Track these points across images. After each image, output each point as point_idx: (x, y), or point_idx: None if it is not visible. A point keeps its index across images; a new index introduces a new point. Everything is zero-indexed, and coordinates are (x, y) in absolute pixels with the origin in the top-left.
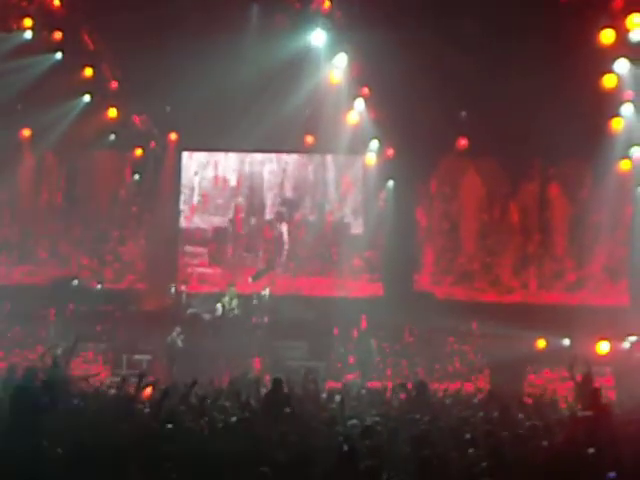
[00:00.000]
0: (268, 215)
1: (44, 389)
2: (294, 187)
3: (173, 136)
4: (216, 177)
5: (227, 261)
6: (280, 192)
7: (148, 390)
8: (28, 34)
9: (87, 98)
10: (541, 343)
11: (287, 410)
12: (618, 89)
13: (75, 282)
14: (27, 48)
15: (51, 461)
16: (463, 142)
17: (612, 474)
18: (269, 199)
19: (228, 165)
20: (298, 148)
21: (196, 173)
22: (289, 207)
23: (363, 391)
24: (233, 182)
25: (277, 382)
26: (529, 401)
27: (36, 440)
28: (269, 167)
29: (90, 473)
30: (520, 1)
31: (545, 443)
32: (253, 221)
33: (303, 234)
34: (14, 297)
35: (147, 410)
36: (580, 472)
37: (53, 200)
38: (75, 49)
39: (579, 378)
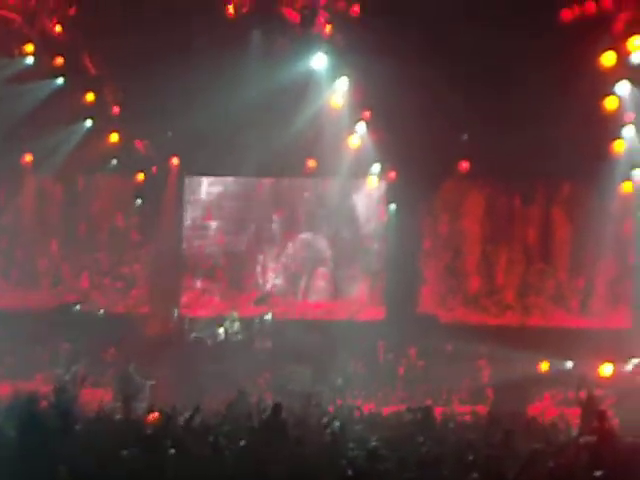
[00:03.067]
0: (271, 238)
1: (48, 415)
2: (294, 210)
3: (175, 161)
4: (217, 201)
5: (229, 285)
6: (282, 215)
7: (154, 415)
8: (30, 59)
9: (89, 123)
10: (544, 366)
11: (287, 435)
12: (619, 111)
13: (77, 307)
14: (29, 73)
15: None
16: (465, 165)
17: None
18: (272, 222)
19: (228, 189)
20: (300, 172)
21: (196, 198)
22: (289, 230)
23: (365, 415)
24: (235, 206)
25: (277, 408)
26: (532, 424)
27: (42, 464)
28: (271, 190)
29: None
30: (520, 24)
31: (551, 465)
32: (255, 244)
33: (304, 257)
34: (16, 322)
35: (151, 435)
36: None
37: (54, 225)
38: (77, 74)
39: (584, 400)
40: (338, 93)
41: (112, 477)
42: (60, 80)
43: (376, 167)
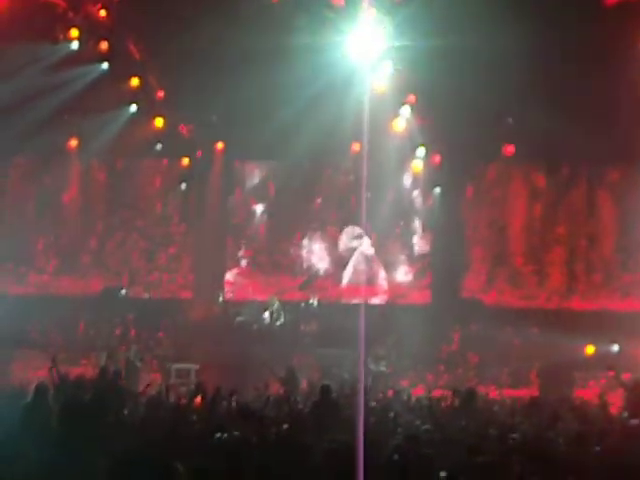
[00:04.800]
0: (315, 223)
1: (94, 400)
2: (338, 194)
3: (220, 145)
4: (261, 185)
5: (274, 270)
6: (326, 199)
7: (197, 399)
8: (75, 44)
9: (133, 108)
10: (590, 349)
11: (338, 417)
12: None
13: (123, 292)
14: (74, 58)
15: (100, 471)
16: (510, 149)
17: None
18: (316, 206)
19: (273, 173)
20: (344, 156)
21: (241, 182)
22: (333, 214)
23: (412, 399)
24: (280, 191)
25: (325, 389)
26: (579, 407)
27: (86, 450)
28: (316, 174)
29: None
30: (563, 8)
31: (597, 449)
32: (300, 229)
33: (349, 241)
34: (62, 307)
35: (195, 419)
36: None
37: (100, 210)
38: (121, 59)
39: (629, 383)
40: (383, 77)
41: (155, 463)
42: (105, 65)
43: (421, 151)
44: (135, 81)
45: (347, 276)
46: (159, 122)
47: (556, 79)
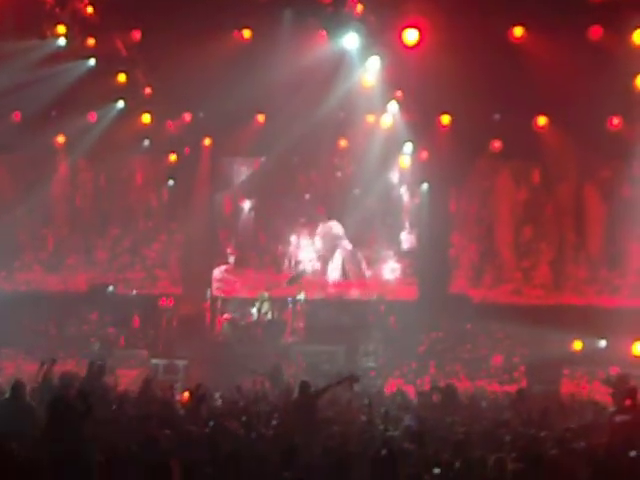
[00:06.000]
0: (303, 219)
1: (80, 397)
2: (326, 190)
3: (207, 141)
4: (249, 181)
5: (261, 266)
6: (314, 195)
7: (185, 395)
8: (62, 41)
9: (121, 104)
10: (577, 345)
11: (316, 414)
12: None
13: (110, 288)
14: (61, 55)
15: (88, 467)
16: (497, 144)
17: None
18: (304, 202)
19: (261, 169)
20: (332, 152)
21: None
22: (321, 210)
23: (401, 395)
24: (267, 186)
25: (303, 385)
26: (566, 403)
27: (72, 446)
28: (303, 170)
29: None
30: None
31: (583, 445)
32: (287, 225)
33: (336, 237)
34: (50, 303)
35: (183, 414)
36: (619, 475)
37: (87, 206)
38: (108, 55)
39: (615, 379)
40: (369, 72)
41: (143, 458)
42: (92, 61)
43: (408, 147)
44: (122, 77)
45: (334, 272)
46: (146, 118)
47: (544, 74)
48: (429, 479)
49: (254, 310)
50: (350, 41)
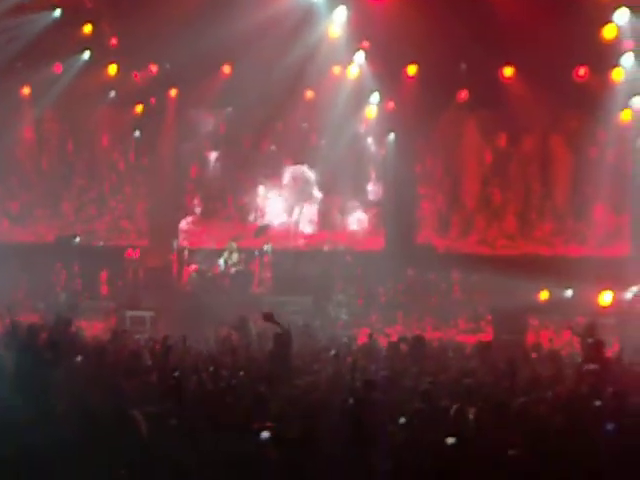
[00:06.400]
0: (269, 170)
1: (48, 346)
2: (292, 141)
3: (173, 92)
4: (215, 132)
5: (228, 217)
6: (280, 146)
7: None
8: None
9: (87, 55)
10: (544, 294)
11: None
12: (618, 39)
13: (77, 240)
14: (26, 6)
15: (55, 417)
16: (463, 94)
17: (611, 426)
18: (270, 153)
19: (227, 120)
20: (298, 103)
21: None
22: (287, 161)
23: (369, 345)
24: (233, 137)
25: (278, 337)
26: (532, 353)
27: (40, 396)
28: (269, 121)
29: (94, 430)
30: None
31: (549, 394)
32: (253, 176)
33: (303, 188)
34: (17, 256)
35: (150, 365)
36: (583, 424)
37: (53, 157)
38: (74, 6)
39: (583, 329)
40: (336, 23)
41: (108, 409)
42: (57, 12)
43: (375, 97)
44: (88, 28)
45: (301, 222)
46: (112, 69)
47: (510, 24)
48: (394, 428)
49: (221, 261)
50: None
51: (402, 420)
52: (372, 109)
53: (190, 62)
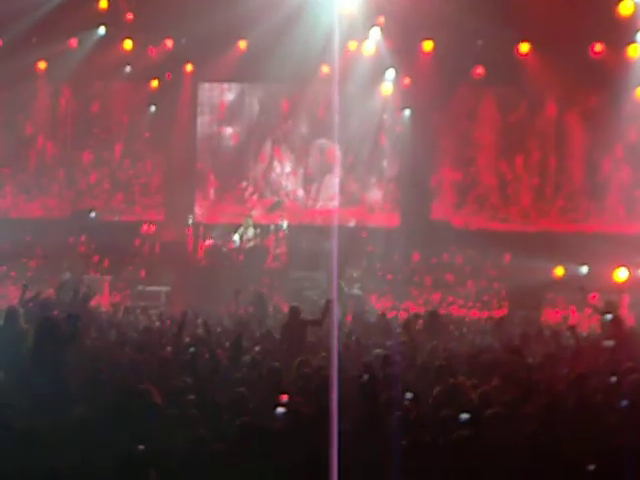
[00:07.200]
0: (286, 145)
1: (67, 321)
2: (308, 116)
3: (189, 67)
4: (231, 108)
5: (244, 192)
6: (296, 122)
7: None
8: None
9: (102, 30)
10: (559, 271)
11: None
12: (634, 16)
13: (92, 214)
14: None
15: (73, 390)
16: (479, 70)
17: (625, 402)
18: (287, 129)
19: (243, 95)
20: (314, 79)
21: (210, 105)
22: (304, 136)
23: (384, 321)
24: (250, 113)
25: (294, 310)
26: (548, 329)
27: (59, 370)
28: (286, 96)
29: (112, 401)
30: None
31: (565, 371)
32: (270, 151)
33: (319, 163)
34: (33, 230)
35: (165, 340)
36: (600, 399)
37: (69, 132)
38: None
39: (600, 304)
40: None
41: (125, 383)
42: None
43: (390, 73)
44: (104, 3)
45: (316, 198)
46: (128, 44)
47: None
48: (408, 404)
49: (236, 236)
50: None
51: (415, 396)
52: (388, 85)
53: (206, 37)
